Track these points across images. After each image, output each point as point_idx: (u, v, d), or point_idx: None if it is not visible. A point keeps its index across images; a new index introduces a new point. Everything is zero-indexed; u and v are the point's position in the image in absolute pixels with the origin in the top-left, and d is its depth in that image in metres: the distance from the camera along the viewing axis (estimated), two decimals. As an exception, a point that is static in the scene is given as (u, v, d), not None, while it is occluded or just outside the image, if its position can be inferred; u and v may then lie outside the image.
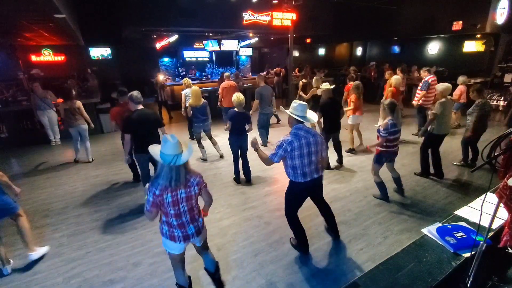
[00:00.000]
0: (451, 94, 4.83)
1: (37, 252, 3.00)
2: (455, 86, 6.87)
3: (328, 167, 5.02)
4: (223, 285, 2.55)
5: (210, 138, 5.68)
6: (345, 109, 5.78)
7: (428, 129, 4.50)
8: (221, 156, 5.69)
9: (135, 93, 3.63)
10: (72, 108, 5.33)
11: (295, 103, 2.72)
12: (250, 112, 5.60)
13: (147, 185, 1.98)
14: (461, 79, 6.78)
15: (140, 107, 3.66)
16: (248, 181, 4.67)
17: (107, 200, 4.25)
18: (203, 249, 2.37)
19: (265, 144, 6.33)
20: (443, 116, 4.32)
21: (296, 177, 2.72)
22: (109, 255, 3.06)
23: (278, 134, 6.42)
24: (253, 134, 6.24)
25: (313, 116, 2.75)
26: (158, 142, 3.50)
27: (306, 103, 2.72)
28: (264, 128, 6.31)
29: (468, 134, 4.69)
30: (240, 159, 4.61)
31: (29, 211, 3.96)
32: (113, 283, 2.68)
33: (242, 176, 4.68)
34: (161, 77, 8.88)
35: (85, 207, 4.06)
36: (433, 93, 6.12)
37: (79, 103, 5.45)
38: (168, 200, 1.91)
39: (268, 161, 2.74)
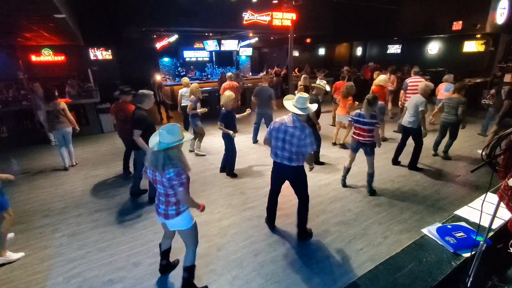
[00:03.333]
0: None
1: (6, 257, 2.96)
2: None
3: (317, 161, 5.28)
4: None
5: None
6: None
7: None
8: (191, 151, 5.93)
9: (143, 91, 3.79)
10: (55, 109, 5.02)
11: (297, 95, 2.91)
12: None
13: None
14: (446, 77, 7.04)
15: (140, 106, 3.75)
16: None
17: (107, 200, 4.25)
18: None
19: (254, 141, 6.55)
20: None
21: (271, 154, 3.10)
22: (109, 255, 3.06)
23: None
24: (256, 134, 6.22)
25: (313, 106, 2.97)
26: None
27: (308, 96, 2.89)
28: (257, 125, 6.55)
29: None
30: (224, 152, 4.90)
31: (29, 211, 3.97)
32: (113, 283, 2.68)
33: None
34: (158, 77, 8.89)
35: (85, 207, 4.06)
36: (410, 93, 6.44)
37: (63, 104, 5.16)
38: (149, 176, 2.22)
39: (265, 139, 3.17)
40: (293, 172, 3.02)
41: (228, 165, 4.89)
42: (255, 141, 6.59)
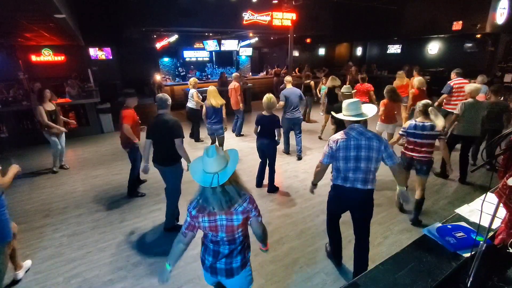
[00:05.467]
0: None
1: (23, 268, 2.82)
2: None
3: None
4: None
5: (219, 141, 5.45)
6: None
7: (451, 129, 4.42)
8: None
9: (160, 95, 3.29)
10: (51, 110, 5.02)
11: (345, 103, 2.42)
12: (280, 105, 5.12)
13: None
14: (479, 78, 6.16)
15: (162, 112, 3.22)
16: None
17: (107, 200, 4.25)
18: None
19: (287, 151, 5.91)
20: (464, 117, 4.18)
21: (336, 180, 2.48)
22: (109, 255, 3.06)
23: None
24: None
25: (369, 110, 2.43)
26: (175, 154, 3.21)
27: (358, 100, 2.46)
28: (288, 133, 5.81)
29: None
30: (267, 167, 4.35)
31: (29, 211, 3.97)
32: (113, 283, 2.68)
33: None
34: (158, 77, 8.89)
35: (85, 207, 4.06)
36: (456, 97, 5.66)
37: (51, 106, 5.05)
38: (204, 225, 1.60)
39: (319, 167, 2.55)
40: (366, 197, 2.43)
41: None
42: (288, 151, 5.93)
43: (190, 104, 6.48)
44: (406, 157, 3.46)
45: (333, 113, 2.65)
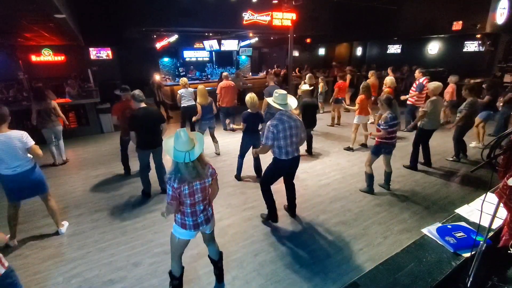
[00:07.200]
0: (442, 92, 5.13)
1: (65, 227, 3.51)
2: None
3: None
4: (223, 273, 2.60)
5: (213, 136, 5.81)
6: (347, 106, 6.32)
7: (418, 125, 4.82)
8: (218, 154, 5.89)
9: (137, 91, 3.85)
10: (47, 108, 5.15)
11: (276, 93, 3.10)
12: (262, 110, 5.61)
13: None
14: (452, 78, 7.07)
15: (143, 105, 3.86)
16: (259, 177, 4.68)
17: (107, 200, 4.25)
18: (210, 239, 2.47)
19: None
20: (433, 113, 4.60)
21: (280, 155, 3.16)
22: (109, 255, 3.06)
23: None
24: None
25: (293, 102, 3.16)
26: (160, 138, 3.99)
27: (285, 92, 3.13)
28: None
29: (453, 127, 5.09)
30: (253, 158, 4.67)
31: (29, 211, 3.97)
32: (113, 283, 2.68)
33: (253, 174, 4.85)
34: (157, 77, 8.88)
35: (85, 207, 4.06)
36: (425, 94, 6.46)
37: (54, 104, 5.29)
38: (185, 192, 2.04)
39: (263, 148, 3.21)
40: (297, 159, 3.31)
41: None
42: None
43: (191, 102, 6.52)
44: (388, 145, 3.98)
45: (266, 97, 3.50)
